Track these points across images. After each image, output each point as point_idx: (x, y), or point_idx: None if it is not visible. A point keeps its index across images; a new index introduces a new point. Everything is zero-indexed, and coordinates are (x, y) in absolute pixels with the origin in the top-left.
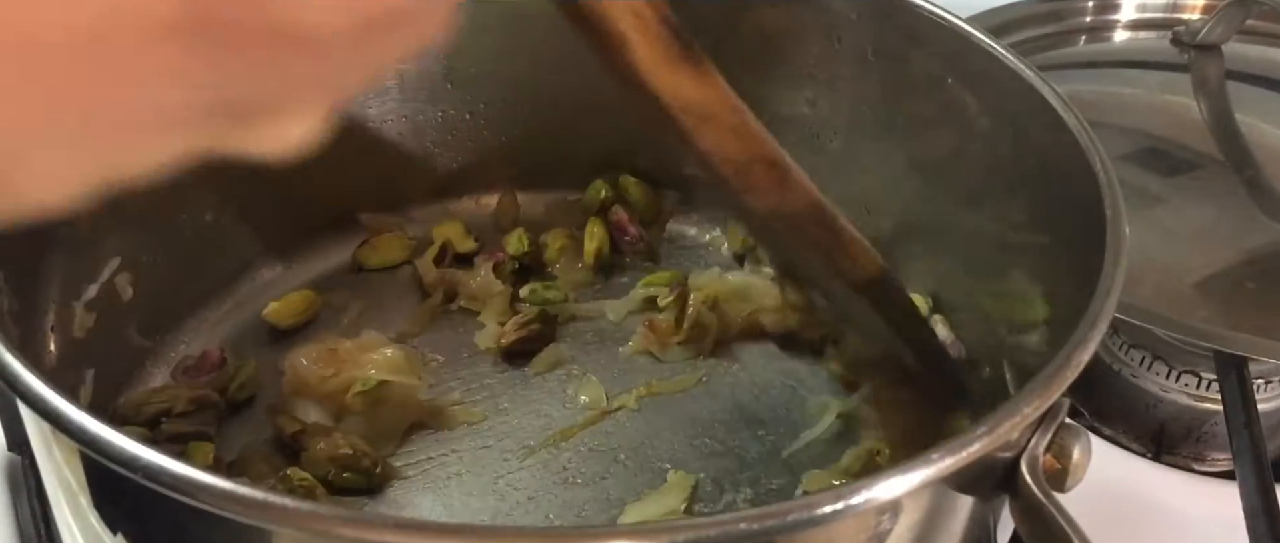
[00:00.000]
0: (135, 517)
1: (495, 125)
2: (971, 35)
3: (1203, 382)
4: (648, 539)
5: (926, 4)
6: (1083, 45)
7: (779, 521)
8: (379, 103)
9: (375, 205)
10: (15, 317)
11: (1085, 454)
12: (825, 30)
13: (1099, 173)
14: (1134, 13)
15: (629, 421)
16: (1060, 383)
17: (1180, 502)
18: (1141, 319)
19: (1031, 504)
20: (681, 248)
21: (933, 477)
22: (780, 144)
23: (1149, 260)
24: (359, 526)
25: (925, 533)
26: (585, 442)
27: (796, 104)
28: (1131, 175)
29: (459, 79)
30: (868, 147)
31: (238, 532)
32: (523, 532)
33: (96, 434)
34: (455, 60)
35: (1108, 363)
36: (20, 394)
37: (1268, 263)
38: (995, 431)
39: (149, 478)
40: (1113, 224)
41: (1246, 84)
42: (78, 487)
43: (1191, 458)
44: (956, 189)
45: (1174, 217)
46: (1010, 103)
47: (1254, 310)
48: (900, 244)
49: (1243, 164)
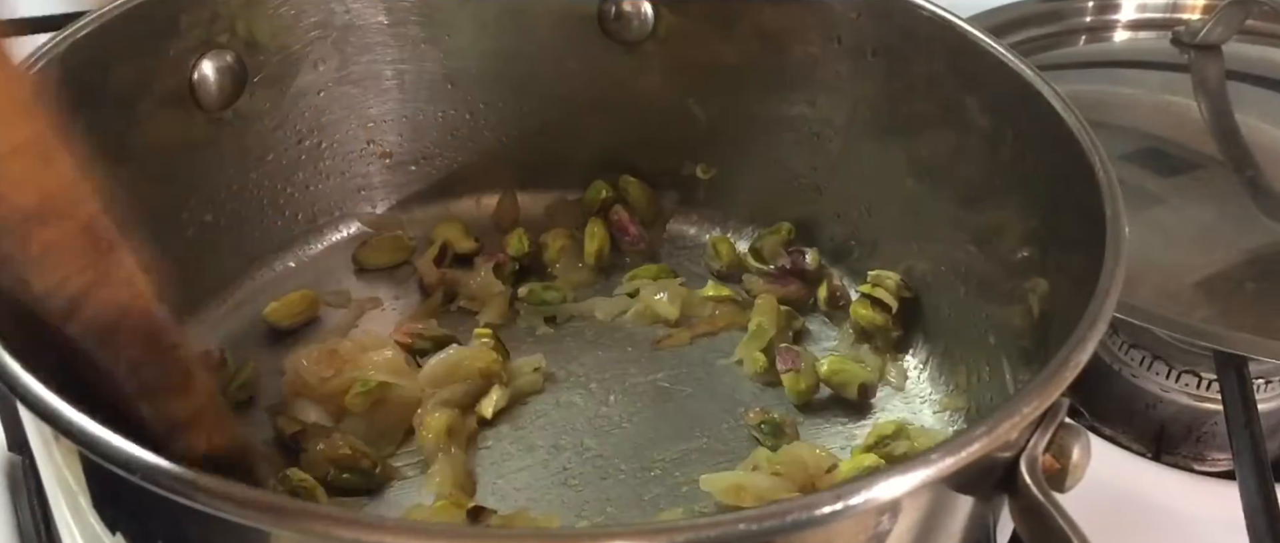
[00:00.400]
0: (135, 517)
1: (495, 125)
2: (971, 35)
3: (1203, 382)
4: (647, 540)
5: (926, 4)
6: (1083, 45)
7: (778, 521)
8: (379, 103)
9: (375, 205)
10: (15, 318)
11: (1085, 454)
12: (825, 30)
13: (1099, 173)
14: (1134, 13)
15: (628, 421)
16: (1059, 383)
17: (1180, 502)
18: (1141, 319)
19: (1031, 504)
20: (681, 248)
21: (932, 477)
22: (780, 144)
23: (1149, 260)
24: (358, 526)
25: (925, 533)
26: (585, 443)
27: (796, 104)
28: (1131, 175)
29: (459, 79)
30: (868, 147)
31: (237, 532)
32: (521, 533)
33: (96, 436)
34: (455, 60)
35: (1108, 363)
36: (20, 396)
37: (1268, 263)
38: (994, 430)
39: (148, 479)
40: (1113, 224)
41: (1246, 84)
42: (77, 488)
43: (1191, 458)
44: (956, 189)
45: (1174, 217)
46: (1010, 103)
47: (1254, 310)
48: (899, 243)
49: (1243, 164)
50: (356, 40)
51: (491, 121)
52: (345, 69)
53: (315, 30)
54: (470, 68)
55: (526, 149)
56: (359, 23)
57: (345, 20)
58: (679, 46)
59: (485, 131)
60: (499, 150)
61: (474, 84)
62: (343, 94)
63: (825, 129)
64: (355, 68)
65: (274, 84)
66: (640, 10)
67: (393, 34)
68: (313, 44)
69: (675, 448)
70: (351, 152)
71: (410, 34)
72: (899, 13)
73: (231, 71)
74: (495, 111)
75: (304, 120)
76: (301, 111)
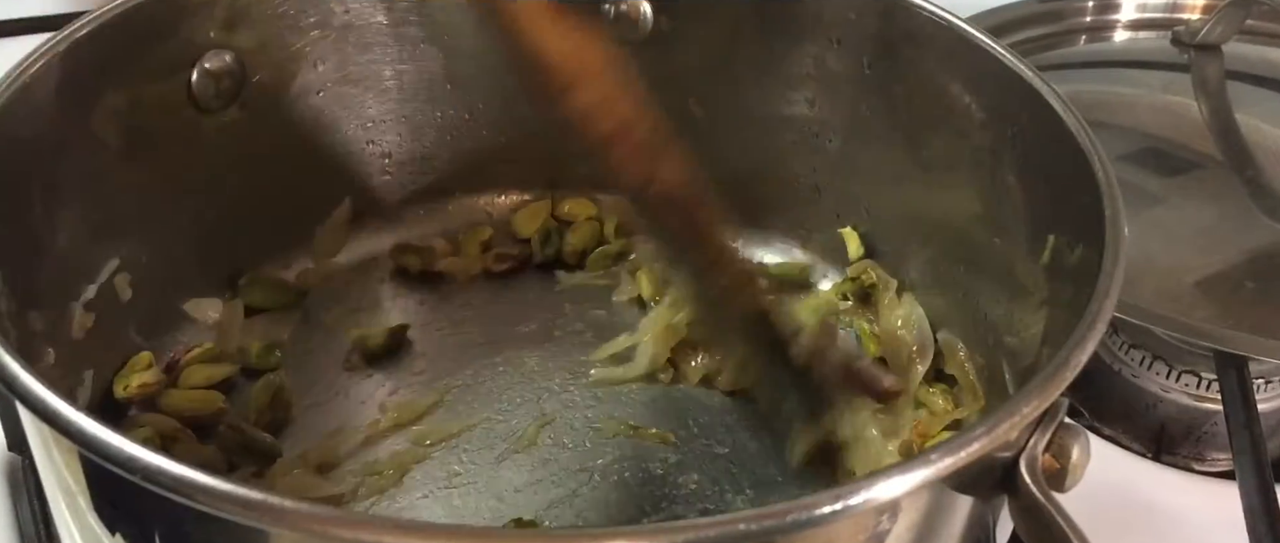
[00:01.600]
0: (134, 518)
1: (495, 125)
2: (971, 35)
3: (1203, 382)
4: (647, 540)
5: (926, 4)
6: (1083, 45)
7: (777, 521)
8: (379, 103)
9: (375, 205)
10: (14, 318)
11: (1085, 454)
12: (825, 30)
13: (1099, 173)
14: (1134, 13)
15: (628, 419)
16: (1059, 383)
17: (1180, 502)
18: (1141, 319)
19: (1031, 504)
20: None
21: (931, 477)
22: (780, 144)
23: (1149, 260)
24: (358, 526)
25: (924, 533)
26: (586, 441)
27: (796, 104)
28: (1131, 175)
29: (459, 79)
30: (868, 146)
31: (237, 532)
32: (522, 533)
33: (95, 436)
34: (455, 60)
35: (1108, 363)
36: (19, 396)
37: (1268, 263)
38: (994, 430)
39: (148, 479)
40: (1113, 224)
41: (1246, 84)
42: (77, 488)
43: (1191, 458)
44: (956, 189)
45: (1174, 217)
46: (1010, 103)
47: (1254, 310)
48: (899, 243)
49: (1243, 164)
50: (356, 40)
51: (490, 122)
52: (344, 69)
53: (315, 30)
54: (470, 68)
55: (527, 149)
56: (358, 23)
57: (344, 20)
58: (678, 47)
59: (484, 132)
60: (499, 150)
61: (473, 84)
62: (342, 94)
63: (825, 129)
64: (355, 68)
65: (273, 84)
66: (640, 10)
67: (392, 34)
68: (312, 44)
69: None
70: (351, 152)
71: (410, 34)
72: (899, 13)
73: (231, 71)
74: (495, 112)
75: (303, 120)
76: (301, 112)
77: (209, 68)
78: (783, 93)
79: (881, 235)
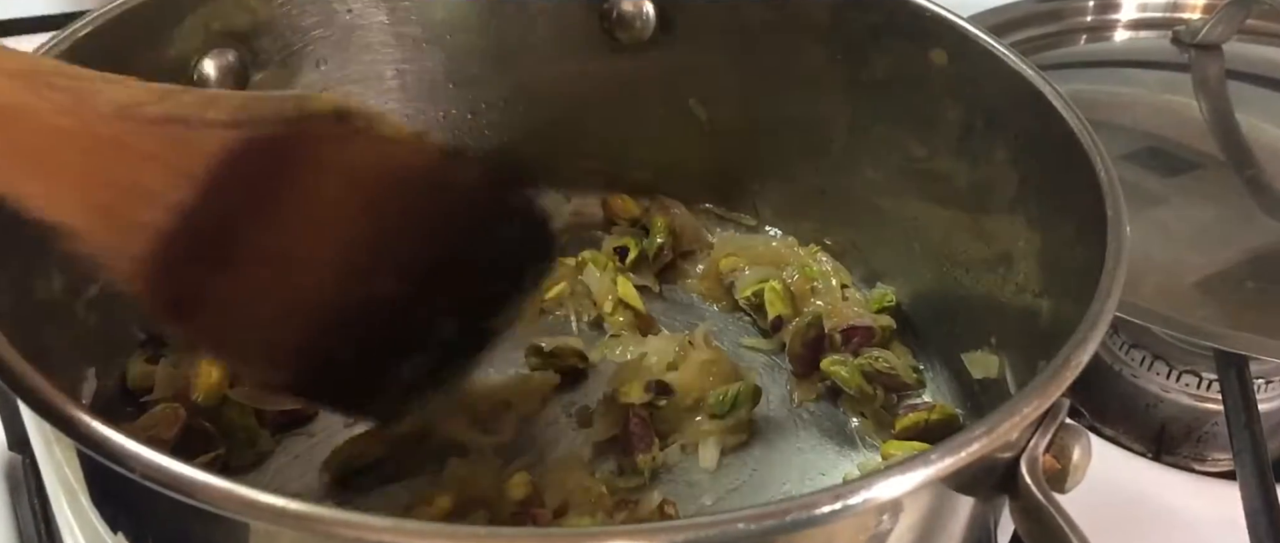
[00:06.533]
0: (135, 516)
1: (496, 125)
2: (971, 35)
3: (1203, 382)
4: (647, 540)
5: (927, 4)
6: (1083, 45)
7: (778, 520)
8: (380, 103)
9: None
10: (16, 316)
11: (1085, 455)
12: (825, 30)
13: (1099, 173)
14: (1134, 12)
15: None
16: (1060, 383)
17: (1180, 502)
18: (1142, 319)
19: (1031, 505)
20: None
21: (932, 477)
22: (780, 144)
23: (1149, 260)
24: (358, 526)
25: (925, 533)
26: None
27: (797, 105)
28: (1132, 175)
29: (460, 79)
30: (868, 146)
31: (237, 531)
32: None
33: (96, 434)
34: (456, 60)
35: (1108, 363)
36: (21, 394)
37: (1268, 262)
38: (995, 431)
39: (148, 477)
40: (1113, 224)
41: (1246, 84)
42: (78, 486)
43: (1192, 458)
44: (957, 189)
45: (1174, 217)
46: (1010, 103)
47: (1254, 310)
48: (901, 244)
49: (1243, 164)
50: (358, 40)
51: (492, 122)
52: (346, 68)
53: (316, 29)
54: (471, 68)
55: (526, 149)
56: (360, 22)
57: (346, 20)
58: (680, 47)
59: (486, 131)
60: (499, 150)
61: (475, 84)
62: (344, 94)
63: (826, 130)
64: (356, 67)
65: (275, 83)
66: (642, 11)
67: (394, 34)
68: (314, 43)
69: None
70: None
71: (411, 34)
72: (899, 12)
73: (232, 71)
74: (496, 112)
75: None
76: None
77: (210, 67)
78: (783, 93)
79: (882, 236)
